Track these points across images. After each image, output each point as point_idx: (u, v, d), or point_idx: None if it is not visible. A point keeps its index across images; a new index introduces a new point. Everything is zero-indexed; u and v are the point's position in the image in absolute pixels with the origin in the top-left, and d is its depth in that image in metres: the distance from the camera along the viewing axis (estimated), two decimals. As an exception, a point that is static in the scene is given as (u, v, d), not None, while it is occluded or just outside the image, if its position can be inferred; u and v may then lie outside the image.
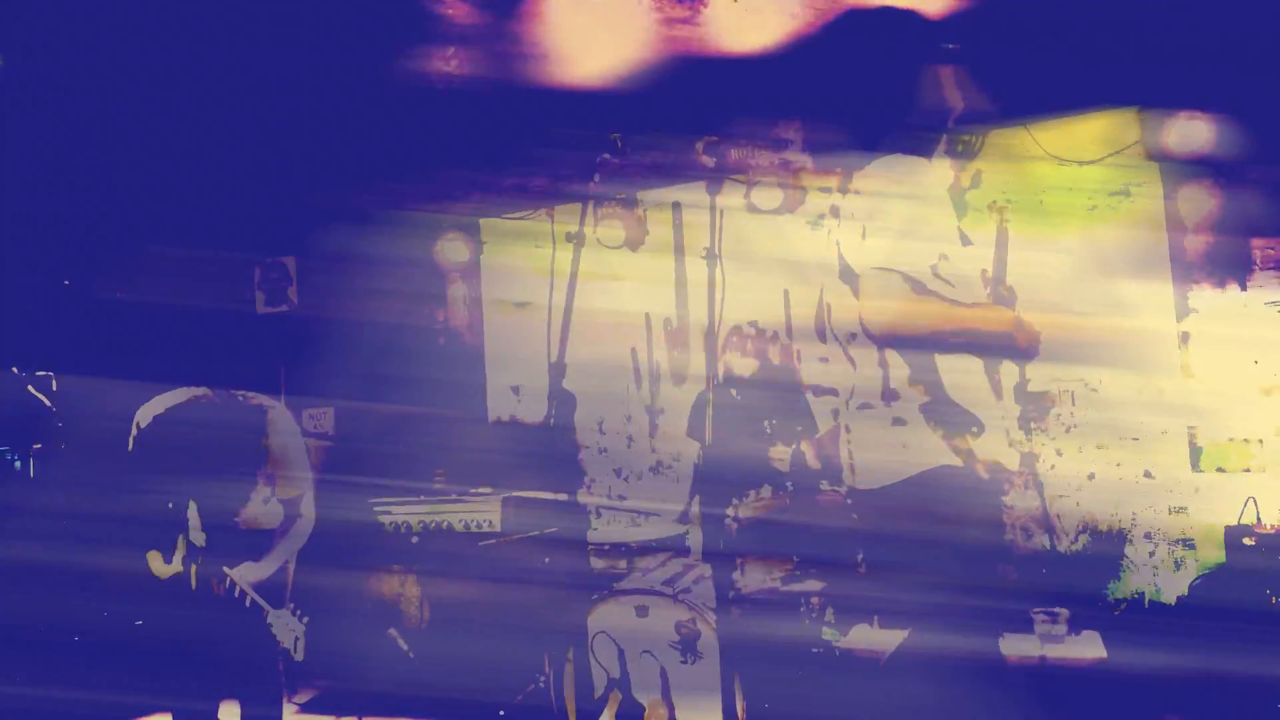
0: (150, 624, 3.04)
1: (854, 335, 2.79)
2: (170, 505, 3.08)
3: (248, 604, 2.99)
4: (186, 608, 3.05)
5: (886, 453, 2.73)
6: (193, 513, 3.07)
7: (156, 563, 3.05)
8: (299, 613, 3.01)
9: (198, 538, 3.06)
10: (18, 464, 3.19)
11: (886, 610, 2.76)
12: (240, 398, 3.13)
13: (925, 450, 2.73)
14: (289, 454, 3.10)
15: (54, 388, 3.25)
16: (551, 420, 3.05)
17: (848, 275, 2.77)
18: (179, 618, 3.04)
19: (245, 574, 3.02)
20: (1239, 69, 2.47)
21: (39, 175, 3.28)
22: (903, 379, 2.76)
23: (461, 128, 3.04)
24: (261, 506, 3.07)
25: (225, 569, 3.01)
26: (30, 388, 3.23)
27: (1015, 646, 2.66)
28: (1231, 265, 2.51)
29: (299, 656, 2.97)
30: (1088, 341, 2.63)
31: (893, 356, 2.78)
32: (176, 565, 3.05)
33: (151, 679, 3.01)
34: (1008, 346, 2.64)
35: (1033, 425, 2.67)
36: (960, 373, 2.68)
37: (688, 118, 2.87)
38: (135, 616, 3.05)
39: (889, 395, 2.77)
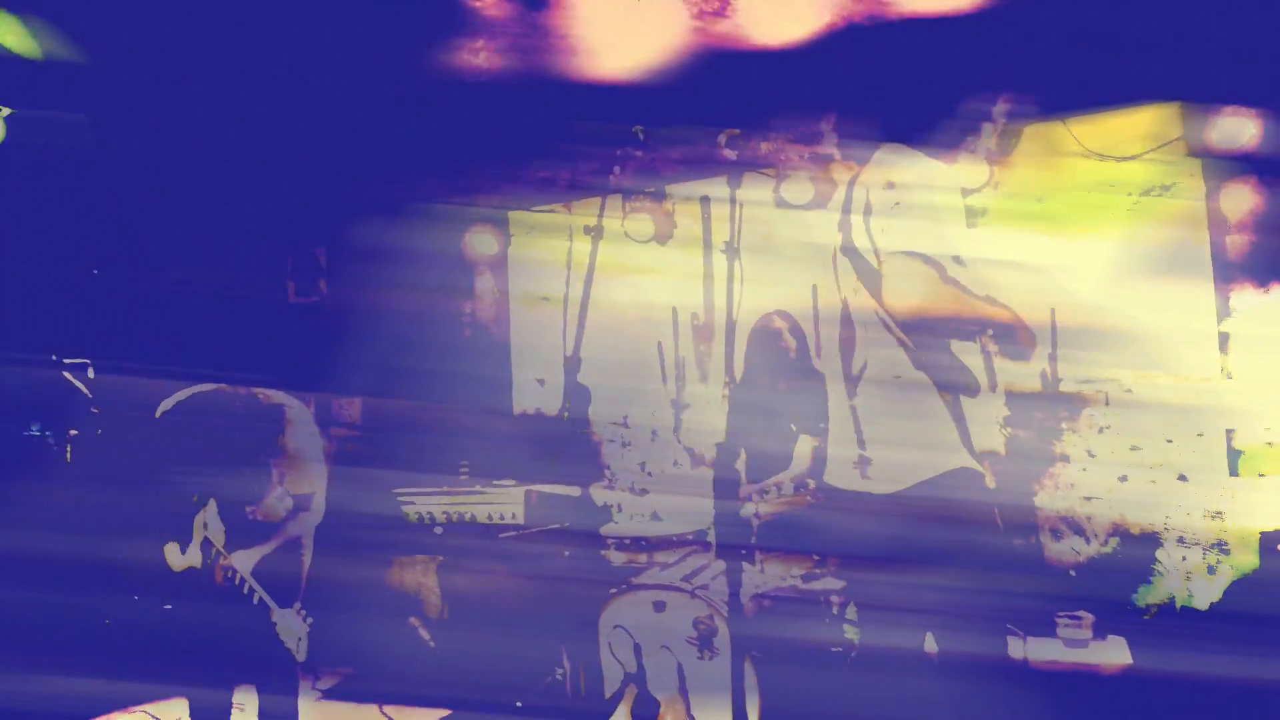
0: (167, 612, 2.98)
1: (883, 325, 2.67)
2: (193, 498, 3.03)
3: (255, 601, 2.93)
4: (203, 597, 2.99)
5: (910, 452, 2.61)
6: (210, 507, 3.01)
7: (173, 555, 3.00)
8: (304, 613, 2.94)
9: (215, 532, 3.01)
10: (54, 447, 3.14)
11: (908, 610, 2.64)
12: (260, 395, 3.07)
13: (949, 450, 2.61)
14: (305, 450, 3.04)
15: (90, 375, 3.19)
16: (572, 413, 2.97)
17: (867, 267, 2.66)
18: (195, 606, 2.98)
19: (240, 560, 2.96)
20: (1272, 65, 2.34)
21: (72, 166, 3.23)
22: (924, 376, 2.65)
23: (490, 120, 2.96)
24: (276, 502, 3.01)
25: (222, 551, 2.95)
26: (67, 374, 3.18)
27: (1039, 650, 2.54)
28: (1274, 266, 2.38)
29: (300, 657, 2.90)
30: (1123, 341, 2.51)
31: (916, 349, 2.67)
32: (192, 557, 3.00)
33: (167, 665, 2.95)
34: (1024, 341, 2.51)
35: (1064, 425, 2.55)
36: (984, 370, 2.56)
37: (717, 111, 2.78)
38: (155, 604, 2.99)
39: (910, 389, 2.65)
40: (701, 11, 2.68)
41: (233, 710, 3.00)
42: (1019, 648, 2.52)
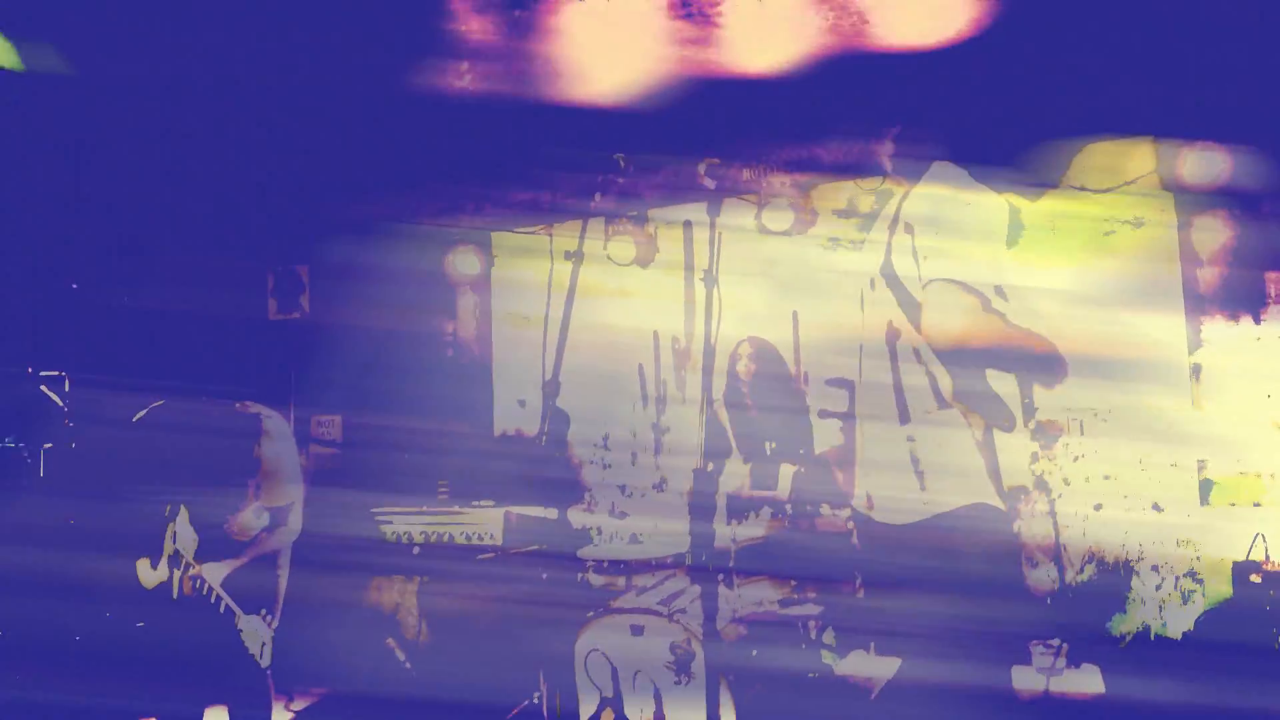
0: (139, 630, 2.95)
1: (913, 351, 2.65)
2: (162, 511, 3.01)
3: (221, 610, 2.91)
4: (175, 614, 2.96)
5: (903, 482, 2.62)
6: (182, 521, 2.99)
7: (145, 571, 2.97)
8: (269, 618, 2.93)
9: (186, 545, 2.98)
10: (28, 460, 3.12)
11: (884, 636, 2.65)
12: (237, 406, 3.06)
13: (943, 477, 2.62)
14: (282, 464, 3.03)
15: (66, 388, 3.18)
16: (550, 435, 2.97)
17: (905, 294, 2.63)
18: (167, 624, 2.95)
19: (210, 572, 2.94)
20: (1255, 101, 2.39)
21: (56, 181, 3.23)
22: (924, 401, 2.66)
23: (474, 142, 2.98)
24: (251, 517, 3.00)
25: (194, 564, 2.93)
26: (44, 388, 3.16)
27: (1015, 678, 2.55)
28: (1245, 298, 2.42)
29: (265, 662, 2.88)
30: (1097, 371, 2.54)
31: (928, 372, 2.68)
32: (163, 573, 2.97)
33: (138, 684, 2.92)
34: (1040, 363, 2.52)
35: (1040, 453, 2.57)
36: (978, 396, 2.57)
37: (698, 138, 2.80)
38: (125, 621, 2.96)
39: (904, 417, 2.67)
40: (685, 39, 2.71)
41: (208, 730, 2.98)
42: (997, 674, 2.53)
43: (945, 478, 2.60)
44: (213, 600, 2.91)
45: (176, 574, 2.96)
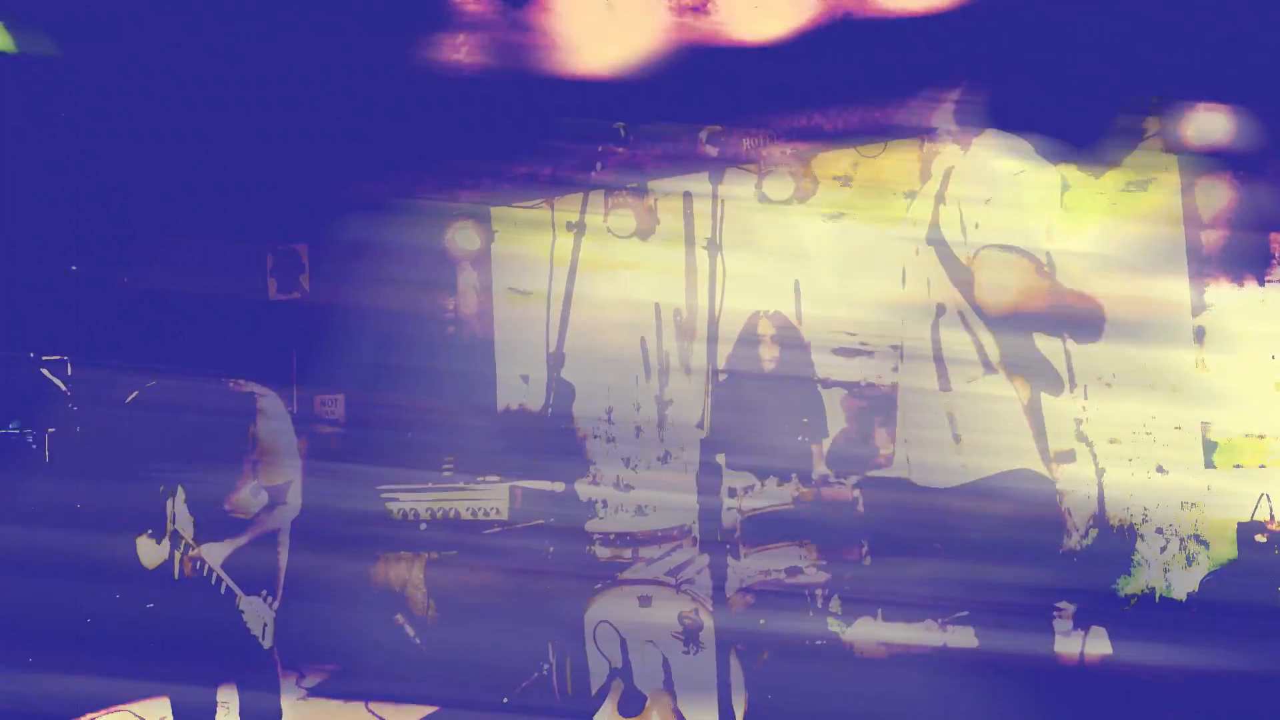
0: (147, 609, 2.98)
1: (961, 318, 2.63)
2: (161, 491, 3.02)
3: (223, 590, 2.93)
4: (182, 593, 2.99)
5: (940, 453, 2.62)
6: (180, 501, 3.01)
7: (147, 550, 2.99)
8: (270, 599, 2.95)
9: (184, 525, 3.00)
10: (33, 446, 3.14)
11: (890, 604, 2.68)
12: (231, 385, 3.07)
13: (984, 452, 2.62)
14: (278, 442, 3.04)
15: (69, 372, 3.20)
16: (555, 409, 2.99)
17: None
18: (176, 602, 2.98)
19: (211, 553, 2.96)
20: (1258, 62, 2.38)
21: (53, 164, 3.23)
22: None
23: (473, 116, 2.97)
24: (249, 495, 3.01)
25: (193, 545, 2.95)
26: (45, 371, 3.18)
27: (1022, 642, 2.58)
28: (1249, 260, 2.42)
29: (267, 643, 2.90)
30: (1102, 335, 2.55)
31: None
32: (164, 552, 2.99)
33: (149, 663, 2.95)
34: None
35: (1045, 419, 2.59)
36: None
37: (699, 107, 2.80)
38: (133, 601, 2.99)
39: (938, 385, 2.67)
40: (682, 8, 2.70)
41: (217, 709, 3.01)
42: (1005, 640, 2.56)
43: (987, 442, 2.59)
44: (213, 581, 2.93)
45: (177, 554, 2.98)
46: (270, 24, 2.96)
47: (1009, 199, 2.59)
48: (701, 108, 2.79)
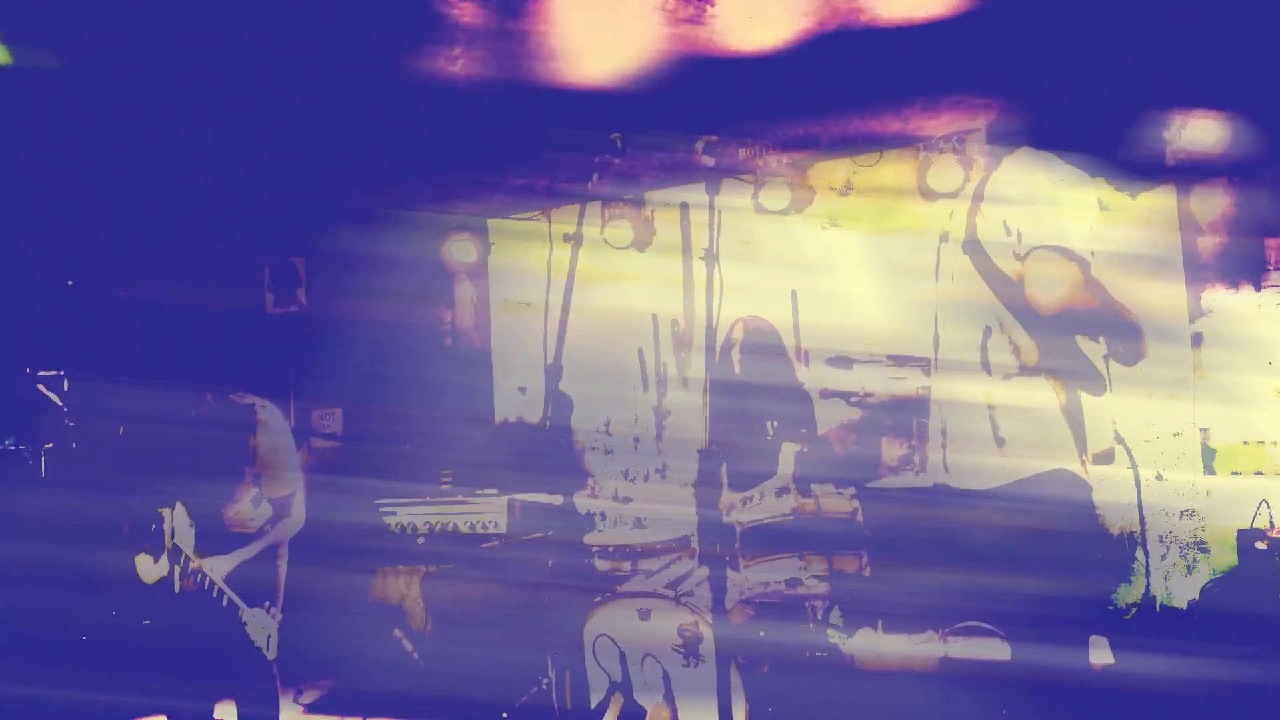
0: (145, 625, 2.98)
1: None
2: (159, 505, 3.02)
3: (225, 604, 2.93)
4: (182, 608, 2.99)
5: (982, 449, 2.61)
6: (179, 514, 3.01)
7: (145, 564, 2.99)
8: (272, 610, 2.95)
9: (184, 539, 3.00)
10: (29, 461, 3.15)
11: (891, 614, 2.68)
12: (230, 397, 3.08)
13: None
14: (279, 454, 3.04)
15: (65, 387, 3.20)
16: (554, 421, 2.99)
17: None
18: (175, 618, 2.98)
19: (214, 566, 2.96)
20: (1253, 69, 2.40)
21: (53, 175, 3.24)
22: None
23: (468, 128, 2.99)
24: (250, 507, 3.01)
25: (194, 558, 2.94)
26: (41, 387, 3.19)
27: (1022, 650, 2.57)
28: (1245, 266, 2.43)
29: (271, 654, 2.90)
30: (1099, 343, 2.55)
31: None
32: (163, 567, 2.99)
33: (146, 680, 2.94)
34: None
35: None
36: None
37: (695, 118, 2.81)
38: (131, 617, 2.99)
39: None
40: (678, 19, 2.72)
41: (214, 725, 3.01)
42: (1002, 649, 2.56)
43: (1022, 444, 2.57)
44: (215, 595, 2.93)
45: (177, 569, 2.98)
46: (269, 37, 2.98)
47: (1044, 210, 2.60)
48: (698, 118, 2.81)
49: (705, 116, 2.80)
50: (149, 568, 3.00)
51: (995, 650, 2.57)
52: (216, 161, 3.16)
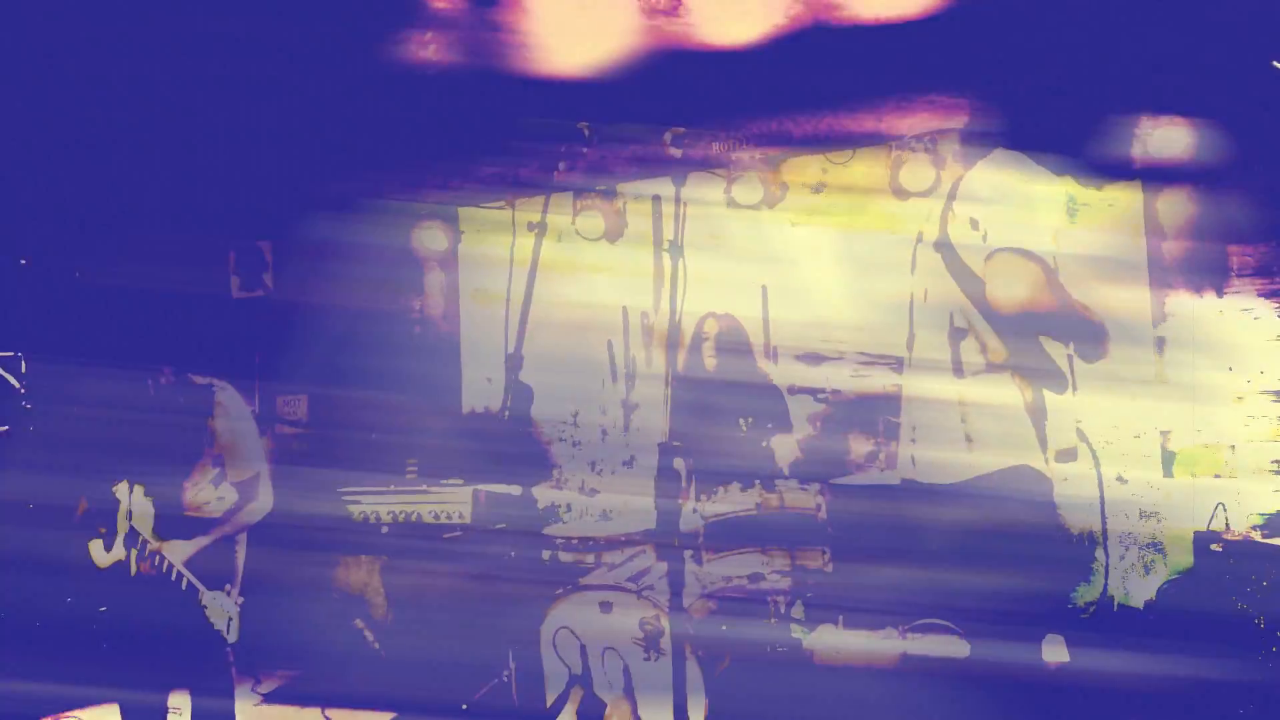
0: (100, 611, 2.94)
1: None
2: (117, 488, 2.98)
3: (184, 586, 2.89)
4: (137, 593, 2.96)
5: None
6: (138, 497, 2.97)
7: (100, 549, 2.95)
8: (232, 593, 2.92)
9: (143, 523, 2.97)
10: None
11: (854, 610, 2.70)
12: (188, 379, 3.04)
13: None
14: (238, 437, 3.01)
15: (23, 369, 3.17)
16: (513, 412, 2.99)
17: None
18: (129, 604, 2.95)
19: (175, 551, 2.92)
20: (1218, 76, 2.44)
21: (10, 155, 3.20)
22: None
23: (440, 115, 2.98)
24: (210, 489, 2.98)
25: (152, 541, 2.90)
26: (-1, 368, 3.15)
27: (982, 649, 2.61)
28: (1208, 271, 2.47)
29: (231, 638, 2.88)
30: (1063, 345, 2.59)
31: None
32: (118, 553, 2.95)
33: (99, 668, 2.91)
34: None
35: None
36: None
37: (666, 109, 2.82)
38: (86, 603, 2.96)
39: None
40: (653, 10, 2.72)
41: (169, 715, 2.98)
42: (962, 646, 2.59)
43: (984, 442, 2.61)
44: (173, 578, 2.90)
45: (133, 552, 2.95)
46: (236, 19, 2.96)
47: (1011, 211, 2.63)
48: (672, 110, 2.81)
49: (679, 109, 2.81)
50: (102, 553, 2.96)
51: (953, 647, 2.60)
52: (182, 141, 3.13)
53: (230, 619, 2.86)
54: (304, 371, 3.12)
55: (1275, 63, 2.23)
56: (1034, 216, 2.59)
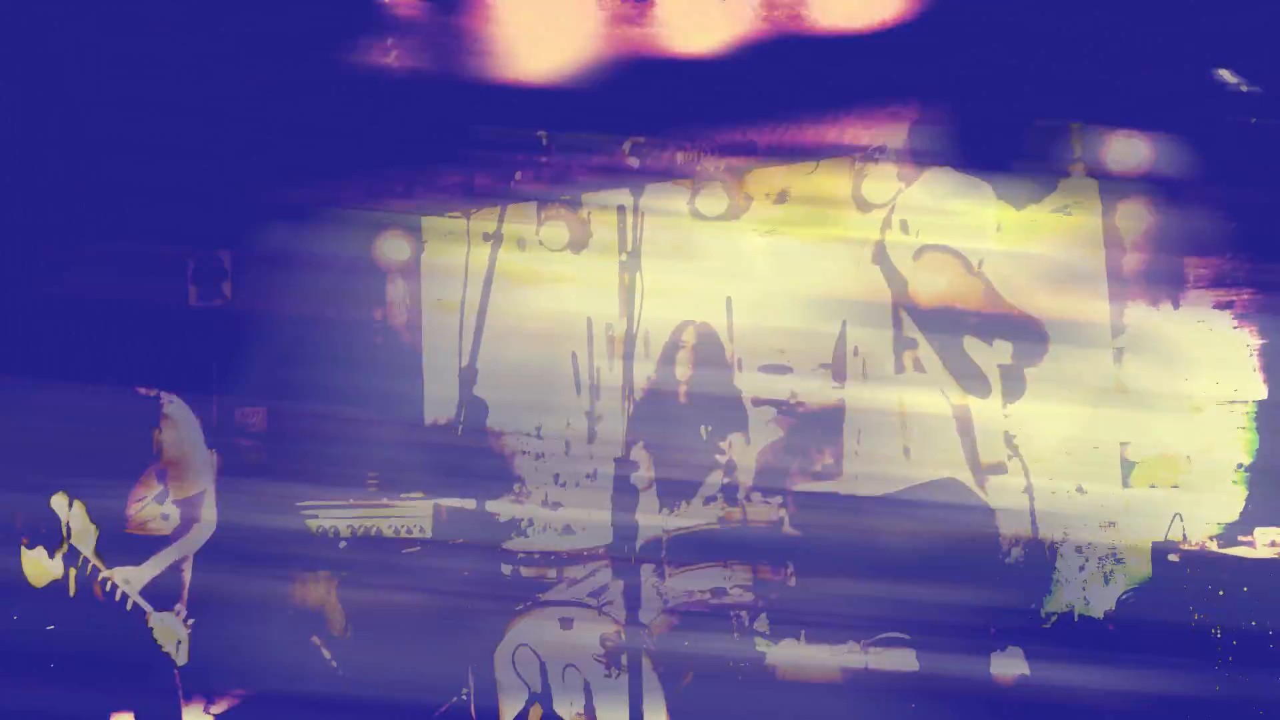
0: (35, 633, 2.85)
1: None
2: (57, 503, 2.91)
3: (129, 607, 2.81)
4: (77, 613, 2.88)
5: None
6: (78, 513, 2.89)
7: (37, 565, 2.86)
8: (184, 615, 2.85)
9: (84, 540, 2.88)
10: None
11: (815, 623, 2.69)
12: (133, 391, 2.96)
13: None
14: (186, 451, 2.93)
15: (-25, 380, 3.11)
16: (468, 425, 2.97)
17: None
18: (70, 623, 2.86)
19: (127, 576, 2.83)
20: (1175, 89, 2.49)
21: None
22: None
23: (403, 123, 2.97)
24: (154, 506, 2.90)
25: (103, 570, 2.82)
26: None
27: (943, 661, 2.61)
28: (1165, 283, 2.51)
29: (181, 660, 2.80)
30: (1023, 355, 2.62)
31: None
32: (58, 568, 2.86)
33: (38, 691, 2.82)
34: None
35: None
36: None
37: (632, 119, 2.83)
38: (23, 622, 2.86)
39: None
40: (617, 18, 2.74)
41: (111, 737, 2.91)
42: (920, 660, 2.59)
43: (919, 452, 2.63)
44: (118, 598, 2.82)
45: (74, 570, 2.87)
46: (197, 26, 2.94)
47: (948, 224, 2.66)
48: (636, 119, 2.83)
49: (643, 118, 2.82)
50: (41, 570, 2.87)
51: (903, 659, 2.60)
52: (141, 151, 3.10)
53: (180, 642, 2.78)
54: (264, 383, 3.08)
55: (1219, 71, 2.28)
56: (981, 226, 2.62)
